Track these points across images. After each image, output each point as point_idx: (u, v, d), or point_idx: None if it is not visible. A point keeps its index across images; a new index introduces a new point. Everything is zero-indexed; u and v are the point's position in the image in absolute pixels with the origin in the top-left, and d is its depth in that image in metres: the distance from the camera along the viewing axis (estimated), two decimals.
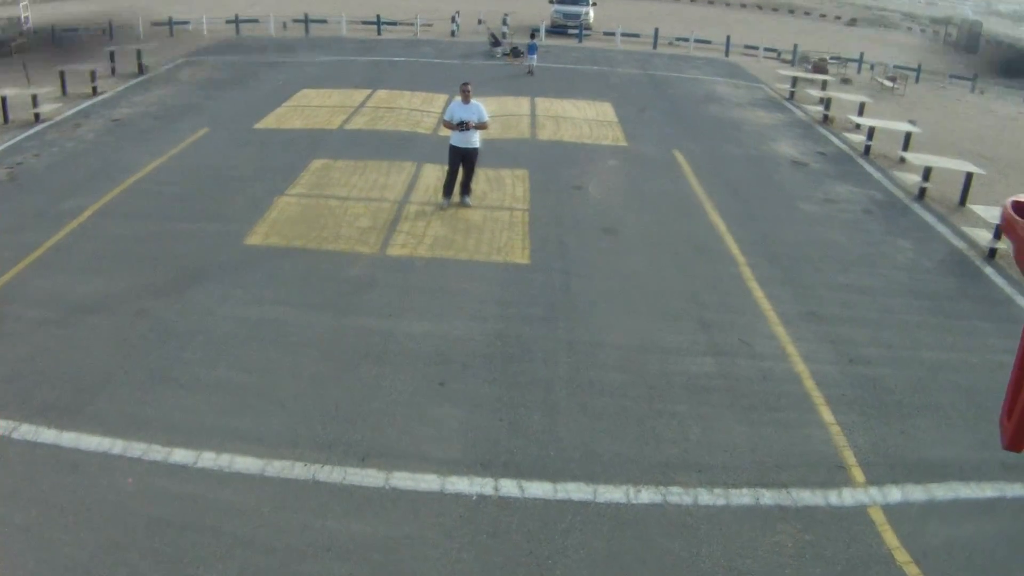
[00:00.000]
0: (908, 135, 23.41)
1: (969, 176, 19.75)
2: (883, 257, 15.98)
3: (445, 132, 20.48)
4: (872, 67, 39.69)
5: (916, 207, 19.28)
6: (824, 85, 31.28)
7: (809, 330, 12.80)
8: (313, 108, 24.31)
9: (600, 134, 22.98)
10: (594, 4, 44.58)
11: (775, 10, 64.56)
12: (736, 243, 16.04)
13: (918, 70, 38.83)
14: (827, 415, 10.57)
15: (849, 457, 9.78)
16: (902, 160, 22.63)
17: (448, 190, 16.44)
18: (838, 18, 64.04)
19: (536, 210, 16.83)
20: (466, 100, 16.08)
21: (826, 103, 27.57)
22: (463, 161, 16.28)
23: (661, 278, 14.39)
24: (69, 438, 9.12)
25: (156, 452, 8.87)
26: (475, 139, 16.24)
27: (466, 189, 16.58)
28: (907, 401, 10.90)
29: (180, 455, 8.86)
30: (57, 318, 11.79)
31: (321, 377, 10.66)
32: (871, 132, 23.69)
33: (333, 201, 16.72)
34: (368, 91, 26.95)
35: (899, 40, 57.71)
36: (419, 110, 24.54)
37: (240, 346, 11.30)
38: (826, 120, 27.21)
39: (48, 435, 9.14)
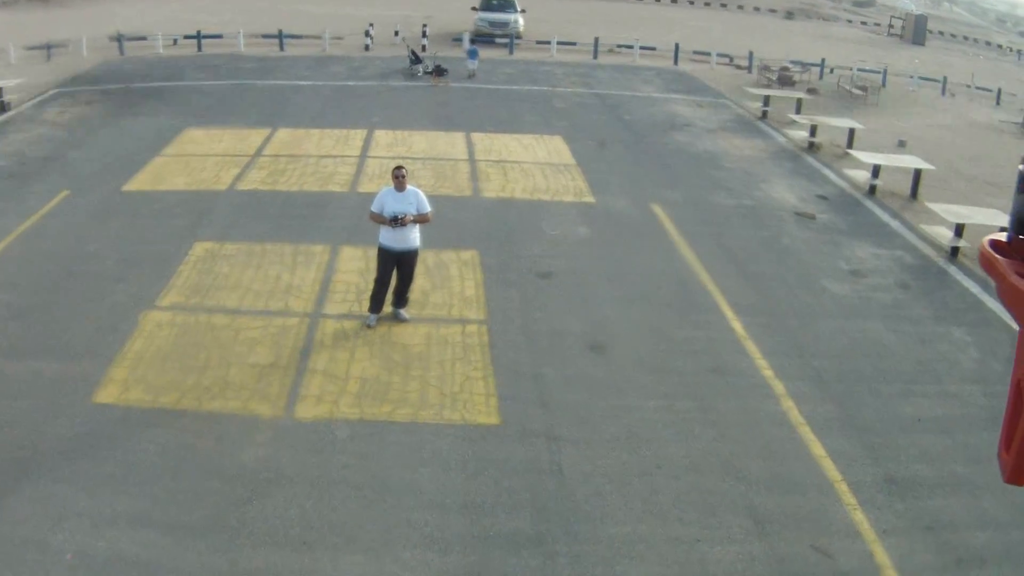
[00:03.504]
0: (918, 172, 19.47)
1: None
2: (944, 362, 12.37)
3: (368, 188, 16.14)
4: (832, 71, 35.89)
5: (954, 271, 15.69)
6: (800, 104, 27.16)
7: (894, 511, 9.15)
8: (199, 158, 19.46)
9: (559, 185, 18.52)
10: (523, 11, 39.93)
11: (707, 4, 60.87)
12: (764, 357, 12.01)
13: (884, 73, 35.13)
14: None
15: None
16: (914, 196, 19.70)
17: (377, 303, 11.97)
18: (773, 11, 60.45)
19: (497, 319, 12.54)
20: (400, 187, 11.51)
21: (812, 129, 23.45)
22: (398, 267, 11.77)
23: (683, 433, 10.28)
24: None
25: None
26: (413, 237, 11.82)
27: (401, 299, 12.16)
28: None
29: None
30: None
31: None
32: (876, 170, 19.73)
33: (219, 317, 12.18)
34: (267, 131, 22.12)
35: (842, 34, 54.91)
36: (331, 156, 19.79)
37: None
38: (812, 147, 23.10)
39: None
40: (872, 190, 19.83)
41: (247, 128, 22.41)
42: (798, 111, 27.10)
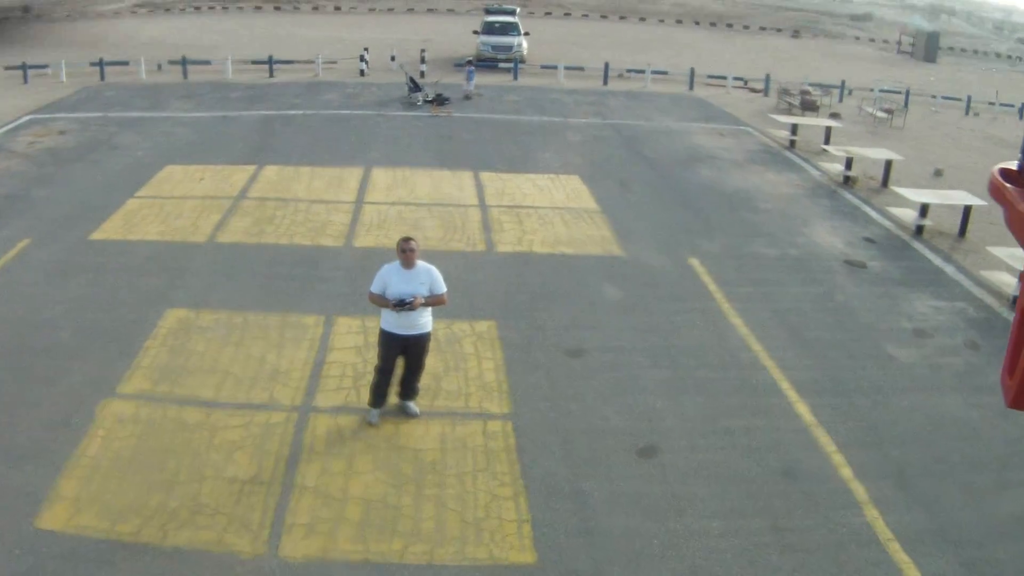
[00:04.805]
0: (968, 209, 17.51)
1: None
2: None
3: (365, 241, 14.22)
4: (851, 92, 34.13)
5: None
6: (829, 134, 25.25)
7: None
8: (176, 201, 17.34)
9: (582, 235, 16.43)
10: (527, 34, 38.11)
11: (713, 24, 59.06)
12: (839, 451, 10.05)
13: (907, 94, 33.38)
14: None
15: None
16: (962, 235, 18.00)
17: (379, 396, 9.85)
18: (779, 30, 58.70)
19: (524, 414, 10.46)
20: (408, 263, 9.32)
21: (848, 161, 21.54)
22: (405, 354, 9.73)
23: (757, 565, 8.23)
24: None
25: None
26: (424, 321, 9.80)
27: (410, 391, 10.07)
28: None
29: None
30: None
31: None
32: (924, 209, 18.15)
33: (192, 411, 10.16)
34: (252, 168, 20.03)
35: (851, 52, 53.15)
36: (323, 201, 17.66)
37: None
38: (847, 181, 21.22)
39: None
40: (919, 231, 17.98)
41: (231, 165, 20.36)
42: (827, 140, 25.11)
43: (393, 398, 10.16)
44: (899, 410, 11.07)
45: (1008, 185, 2.93)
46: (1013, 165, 3.03)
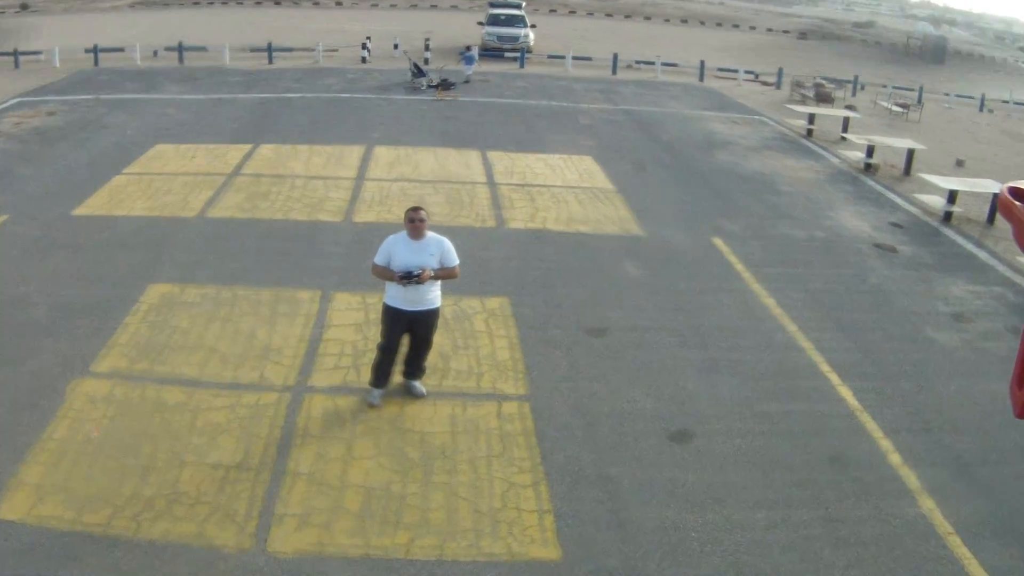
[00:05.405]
0: (996, 197, 16.53)
1: None
2: None
3: (365, 217, 13.27)
4: (864, 88, 33.48)
5: None
6: (847, 123, 24.87)
7: None
8: (166, 177, 16.33)
9: (598, 214, 15.46)
10: (533, 26, 37.52)
11: (719, 24, 58.45)
12: (887, 436, 9.19)
13: (920, 91, 32.73)
14: None
15: None
16: (990, 222, 17.18)
17: (382, 375, 8.83)
18: (786, 32, 58.10)
19: (542, 395, 9.49)
20: (416, 234, 8.29)
21: (869, 150, 20.97)
22: (411, 331, 8.86)
23: (807, 561, 7.29)
24: None
25: None
26: (433, 295, 8.85)
27: (415, 370, 9.02)
28: None
29: None
30: None
31: None
32: (952, 195, 17.35)
33: (172, 391, 9.17)
34: (247, 147, 19.05)
35: (859, 52, 52.35)
36: (321, 178, 16.67)
37: None
38: (869, 169, 20.25)
39: None
40: (948, 217, 17.24)
41: (225, 144, 19.37)
42: (845, 129, 24.38)
43: (397, 377, 9.12)
44: (946, 395, 10.22)
45: (1017, 203, 2.92)
46: (1022, 184, 3.00)
